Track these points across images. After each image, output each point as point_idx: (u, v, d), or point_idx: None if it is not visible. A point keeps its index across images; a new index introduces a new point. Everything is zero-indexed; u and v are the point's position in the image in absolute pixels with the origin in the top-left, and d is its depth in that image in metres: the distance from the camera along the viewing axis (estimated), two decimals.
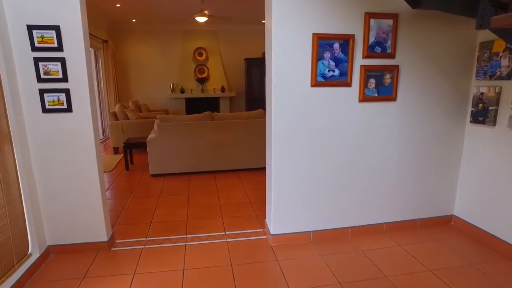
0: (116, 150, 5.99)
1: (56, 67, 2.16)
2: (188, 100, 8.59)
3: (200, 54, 8.46)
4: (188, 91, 8.45)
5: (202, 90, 8.47)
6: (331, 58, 2.45)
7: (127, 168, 4.91)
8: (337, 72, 2.48)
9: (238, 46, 8.68)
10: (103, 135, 7.67)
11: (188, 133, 4.44)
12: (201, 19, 5.95)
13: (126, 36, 8.20)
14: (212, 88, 8.54)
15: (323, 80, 2.48)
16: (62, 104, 2.23)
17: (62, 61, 2.16)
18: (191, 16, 6.29)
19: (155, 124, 4.54)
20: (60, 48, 2.14)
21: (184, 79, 8.48)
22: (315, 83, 2.46)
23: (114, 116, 6.05)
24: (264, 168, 5.00)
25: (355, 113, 2.60)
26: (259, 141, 4.66)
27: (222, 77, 8.61)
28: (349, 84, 2.53)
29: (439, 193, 2.95)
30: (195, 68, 8.46)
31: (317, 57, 2.42)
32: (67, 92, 2.22)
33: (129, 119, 6.03)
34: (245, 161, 4.72)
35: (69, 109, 2.25)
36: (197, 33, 8.42)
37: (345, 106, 2.57)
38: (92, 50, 7.22)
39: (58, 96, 2.21)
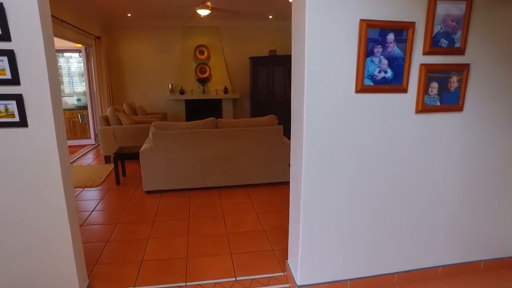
0: (107, 159, 5.35)
1: (1, 63, 1.51)
2: (188, 102, 7.94)
3: (201, 52, 7.82)
4: (188, 92, 7.81)
5: (204, 91, 7.82)
6: (383, 55, 1.81)
7: (118, 183, 4.27)
8: (389, 73, 1.84)
9: (242, 44, 8.04)
10: (96, 141, 7.02)
11: (188, 143, 3.80)
12: (203, 12, 5.32)
13: (121, 32, 7.55)
14: (214, 89, 7.90)
15: (372, 84, 1.83)
16: (12, 115, 1.59)
17: (10, 55, 1.52)
18: (191, 10, 5.66)
19: (150, 132, 3.90)
20: (5, 36, 1.50)
21: (184, 79, 7.84)
22: (361, 88, 1.82)
23: (106, 120, 5.41)
24: (277, 184, 4.40)
25: (409, 127, 1.96)
26: (270, 152, 4.02)
27: (225, 77, 7.97)
28: (404, 90, 1.89)
29: (508, 227, 2.32)
30: (196, 67, 7.82)
31: (365, 53, 1.78)
32: (19, 99, 1.58)
33: (122, 124, 5.39)
34: (254, 175, 4.07)
35: (22, 123, 1.61)
36: (198, 30, 7.78)
37: (398, 118, 1.93)
38: (83, 47, 6.58)
39: (6, 105, 1.57)
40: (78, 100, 7.33)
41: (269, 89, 7.33)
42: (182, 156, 3.81)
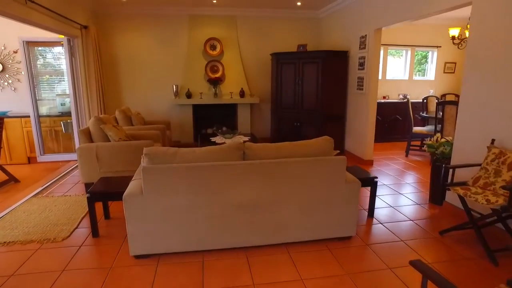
0: (89, 187, 3.96)
1: None
2: (197, 108, 6.55)
3: (213, 47, 6.42)
4: (196, 96, 6.41)
5: (215, 95, 6.42)
6: None
7: (94, 234, 2.88)
8: None
9: (263, 37, 6.62)
10: None
11: (199, 183, 2.39)
12: None
13: (114, 21, 6.17)
14: (228, 92, 6.50)
15: None
16: None
17: None
18: None
19: (141, 162, 2.51)
20: None
21: (192, 80, 6.45)
22: None
23: (88, 135, 4.03)
24: (333, 240, 2.71)
25: None
26: (326, 195, 2.61)
27: (241, 78, 6.57)
28: None
29: None
30: (206, 65, 6.43)
31: None
32: None
33: (109, 140, 4.01)
34: (300, 230, 2.66)
35: None
36: (209, 19, 6.38)
37: None
38: (65, 39, 5.22)
39: None
40: (62, 104, 5.96)
41: (297, 92, 5.90)
42: (190, 203, 2.41)
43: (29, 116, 5.54)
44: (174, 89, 6.33)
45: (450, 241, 2.77)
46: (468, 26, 4.85)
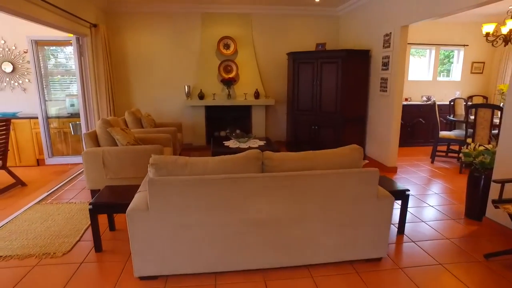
0: (95, 194, 3.74)
1: None
2: (210, 109, 6.30)
3: (227, 46, 6.16)
4: (209, 97, 6.16)
5: (229, 96, 6.16)
6: None
7: (97, 249, 2.64)
8: None
9: (279, 36, 6.33)
10: None
11: (212, 198, 2.11)
12: None
13: (124, 19, 5.98)
14: (242, 93, 6.22)
15: None
16: None
17: None
18: None
19: (147, 172, 2.25)
20: None
21: (204, 80, 6.21)
22: None
23: (94, 139, 3.81)
24: (361, 262, 2.32)
25: None
26: (355, 212, 2.30)
27: (256, 78, 6.29)
28: None
29: None
30: (220, 65, 6.17)
31: None
32: None
33: (117, 144, 3.78)
34: (325, 250, 2.36)
35: None
36: (223, 17, 6.12)
37: None
38: (74, 38, 5.04)
39: None
40: (72, 105, 5.79)
41: (315, 93, 5.58)
42: (201, 220, 2.13)
43: (37, 117, 5.39)
44: (186, 90, 6.09)
45: (499, 267, 2.41)
46: (506, 21, 4.46)
